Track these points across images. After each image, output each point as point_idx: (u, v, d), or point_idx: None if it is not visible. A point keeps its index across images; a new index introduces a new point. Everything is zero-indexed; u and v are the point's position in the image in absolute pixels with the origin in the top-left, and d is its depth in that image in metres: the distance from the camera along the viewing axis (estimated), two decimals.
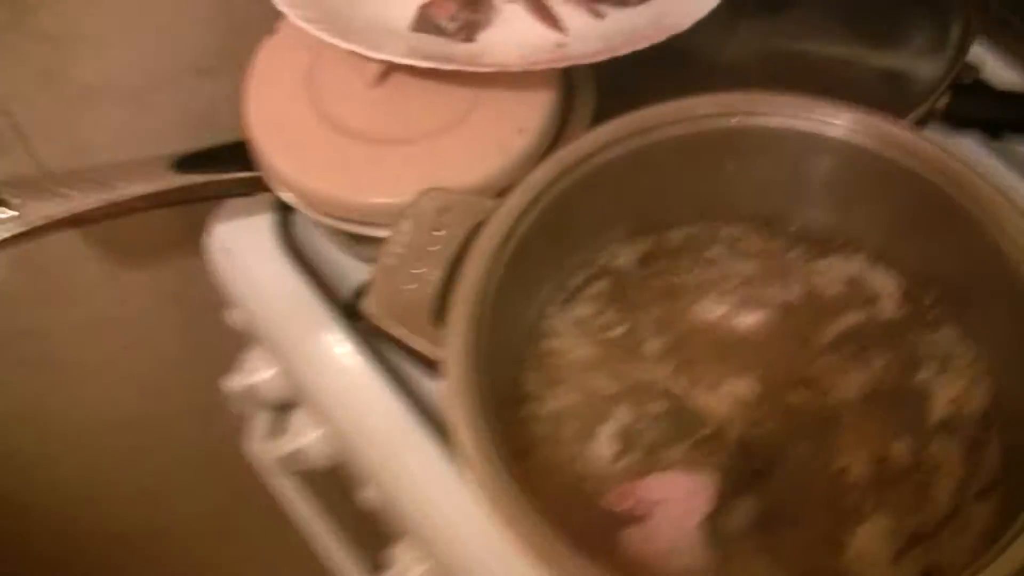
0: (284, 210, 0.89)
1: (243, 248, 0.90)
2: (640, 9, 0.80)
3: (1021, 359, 0.66)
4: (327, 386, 0.84)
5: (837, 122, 0.70)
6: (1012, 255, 0.65)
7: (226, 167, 0.81)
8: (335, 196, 0.77)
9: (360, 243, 0.81)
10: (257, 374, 0.92)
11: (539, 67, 0.74)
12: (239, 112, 0.81)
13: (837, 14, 0.91)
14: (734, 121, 0.69)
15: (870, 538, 0.65)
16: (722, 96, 0.70)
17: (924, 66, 0.87)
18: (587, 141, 0.68)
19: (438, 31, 0.77)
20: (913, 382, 0.70)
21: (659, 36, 0.74)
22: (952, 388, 0.69)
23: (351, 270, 0.87)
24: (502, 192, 0.75)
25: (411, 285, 0.63)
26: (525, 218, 0.65)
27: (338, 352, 0.83)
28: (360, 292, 0.84)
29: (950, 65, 0.86)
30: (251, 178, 0.81)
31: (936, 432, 0.68)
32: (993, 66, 0.96)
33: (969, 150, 0.90)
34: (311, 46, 0.79)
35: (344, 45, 0.73)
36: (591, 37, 0.78)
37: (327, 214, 0.78)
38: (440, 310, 0.63)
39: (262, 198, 0.85)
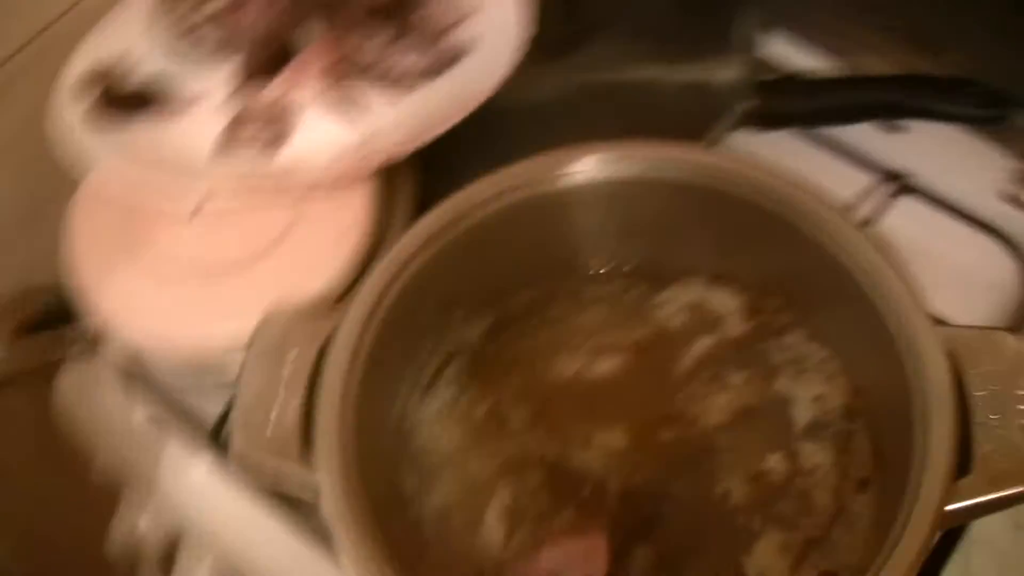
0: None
1: (95, 398, 0.88)
2: (438, 84, 0.81)
3: (868, 350, 0.67)
4: (207, 519, 0.82)
5: (637, 161, 0.71)
6: (835, 254, 0.67)
7: (60, 328, 0.80)
8: (174, 341, 0.77)
9: (206, 376, 0.80)
10: (134, 523, 0.91)
11: (355, 170, 0.75)
12: (62, 267, 0.80)
13: (632, 39, 0.93)
14: (541, 187, 0.71)
15: (766, 555, 0.66)
16: (526, 165, 0.71)
17: (725, 73, 0.90)
18: (411, 238, 0.68)
19: (245, 150, 0.77)
20: (774, 391, 0.72)
21: (460, 114, 0.75)
22: (811, 389, 0.71)
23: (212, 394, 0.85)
24: (345, 294, 0.75)
25: (272, 415, 0.63)
26: (370, 324, 0.65)
27: (211, 482, 0.82)
28: (224, 417, 0.83)
29: (746, 67, 0.89)
30: (89, 336, 0.79)
31: (805, 436, 0.70)
32: (796, 57, 1.00)
33: (788, 145, 0.93)
34: (124, 185, 0.78)
35: (155, 184, 0.72)
36: (395, 125, 0.78)
37: (169, 359, 0.77)
38: (307, 434, 0.62)
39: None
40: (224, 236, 0.79)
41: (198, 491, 0.82)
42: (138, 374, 0.87)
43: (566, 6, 0.91)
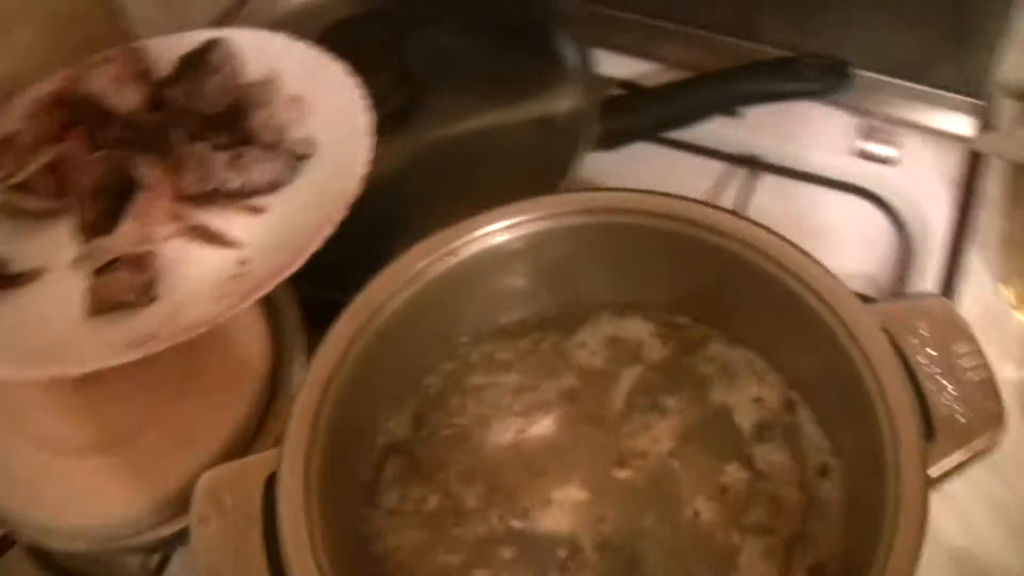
0: None
1: None
2: (297, 191, 0.78)
3: (794, 341, 0.69)
4: None
5: (521, 217, 0.71)
6: (742, 255, 0.68)
7: None
8: (80, 524, 0.72)
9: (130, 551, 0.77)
10: None
11: (244, 304, 0.70)
12: None
13: (467, 91, 0.93)
14: (448, 261, 0.69)
15: (752, 565, 0.66)
16: (414, 251, 0.69)
17: (565, 101, 0.90)
18: (326, 355, 0.65)
19: (121, 306, 0.73)
20: (712, 403, 0.72)
21: (337, 215, 0.72)
22: (747, 392, 0.72)
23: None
24: (255, 434, 0.73)
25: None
26: (311, 454, 0.62)
27: None
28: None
29: (584, 91, 0.90)
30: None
31: (755, 439, 0.70)
32: (629, 69, 1.02)
33: (643, 154, 0.95)
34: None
35: (41, 375, 0.69)
36: (267, 240, 0.75)
37: (83, 543, 0.73)
38: None
39: None
40: (113, 404, 0.75)
41: None
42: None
43: (394, 76, 0.90)
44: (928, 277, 0.88)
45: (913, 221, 0.92)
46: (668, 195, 0.70)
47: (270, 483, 0.62)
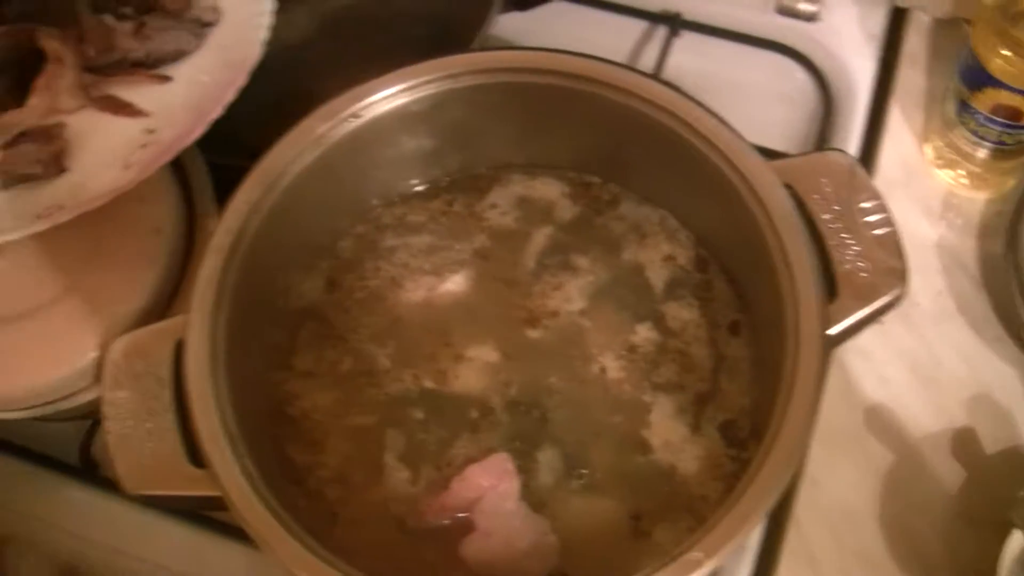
0: None
1: None
2: (200, 59, 0.79)
3: (702, 199, 0.71)
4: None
5: (429, 78, 0.72)
6: (648, 112, 0.70)
7: None
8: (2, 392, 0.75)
9: (55, 417, 0.79)
10: None
11: (149, 171, 0.72)
12: None
13: None
14: (340, 128, 0.71)
15: (664, 422, 0.69)
16: (319, 112, 0.71)
17: None
18: (230, 217, 0.67)
19: (28, 178, 0.74)
20: (624, 262, 0.75)
21: (237, 84, 0.73)
22: (658, 250, 0.75)
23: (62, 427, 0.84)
24: (173, 296, 0.75)
25: (150, 443, 0.62)
26: (217, 316, 0.65)
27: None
28: (84, 447, 0.81)
29: None
30: None
31: (666, 297, 0.73)
32: None
33: (558, 14, 0.95)
34: None
35: None
36: (173, 108, 0.76)
37: (5, 411, 0.75)
38: (191, 449, 0.62)
39: None
40: (28, 273, 0.76)
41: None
42: None
43: None
44: (850, 135, 0.89)
45: (835, 78, 0.93)
46: (568, 52, 0.72)
47: (179, 349, 0.64)
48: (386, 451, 0.70)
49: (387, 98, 0.71)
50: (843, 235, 0.65)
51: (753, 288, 0.71)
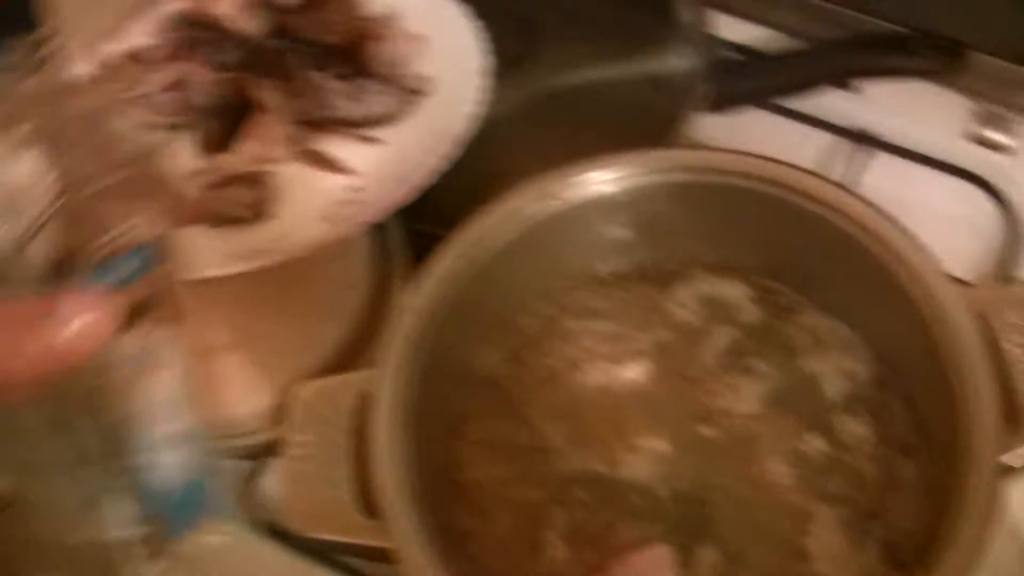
0: None
1: None
2: (411, 125, 0.83)
3: (887, 318, 0.72)
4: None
5: (631, 168, 0.75)
6: (842, 227, 0.71)
7: None
8: None
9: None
10: None
11: (355, 229, 0.76)
12: None
13: (581, 42, 0.96)
14: (551, 205, 0.74)
15: (826, 534, 0.70)
16: (520, 190, 0.74)
17: (678, 61, 0.93)
18: (429, 283, 0.71)
19: (235, 221, 0.78)
20: (800, 371, 0.76)
21: (450, 149, 0.77)
22: (837, 363, 0.75)
23: None
24: (359, 351, 0.78)
25: (326, 489, 0.65)
26: (408, 376, 0.68)
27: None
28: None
29: (697, 51, 0.93)
30: None
31: (841, 410, 0.74)
32: (743, 33, 1.04)
33: (751, 121, 0.97)
34: None
35: None
36: (382, 170, 0.80)
37: None
38: (366, 499, 0.65)
39: None
40: (222, 312, 0.80)
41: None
42: None
43: (512, 22, 0.94)
44: None
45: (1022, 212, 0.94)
46: (770, 159, 0.74)
47: (364, 401, 0.67)
48: (548, 527, 0.71)
49: (592, 183, 0.74)
50: None
51: (931, 412, 0.71)
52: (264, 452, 0.81)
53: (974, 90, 0.99)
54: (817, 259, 0.76)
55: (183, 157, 0.83)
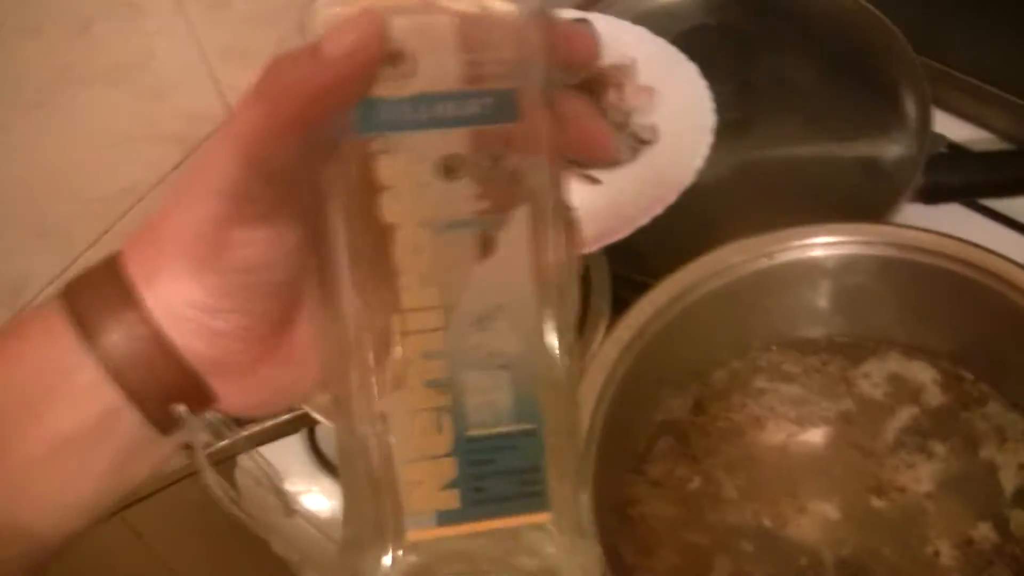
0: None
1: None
2: (635, 170, 0.86)
3: None
4: None
5: (840, 239, 0.78)
6: None
7: None
8: None
9: None
10: None
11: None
12: None
13: (804, 118, 1.00)
14: (760, 263, 0.77)
15: None
16: (730, 248, 0.78)
17: (895, 148, 0.96)
18: (634, 315, 0.75)
19: None
20: (979, 459, 0.77)
21: (664, 202, 0.80)
22: (1017, 456, 0.77)
23: None
24: None
25: None
26: (600, 404, 0.71)
27: None
28: None
29: (915, 142, 0.95)
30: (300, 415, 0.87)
31: (1015, 502, 0.75)
32: (962, 131, 1.06)
33: (958, 217, 0.99)
34: None
35: None
36: (597, 209, 0.84)
37: None
38: None
39: None
40: None
41: None
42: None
43: (737, 87, 0.98)
44: None
45: None
46: (977, 245, 0.76)
47: None
48: (712, 573, 0.74)
49: (801, 247, 0.78)
50: None
51: None
52: None
53: None
54: (1010, 351, 0.77)
55: None
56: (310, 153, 0.42)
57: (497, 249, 0.44)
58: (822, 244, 0.78)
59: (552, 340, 0.45)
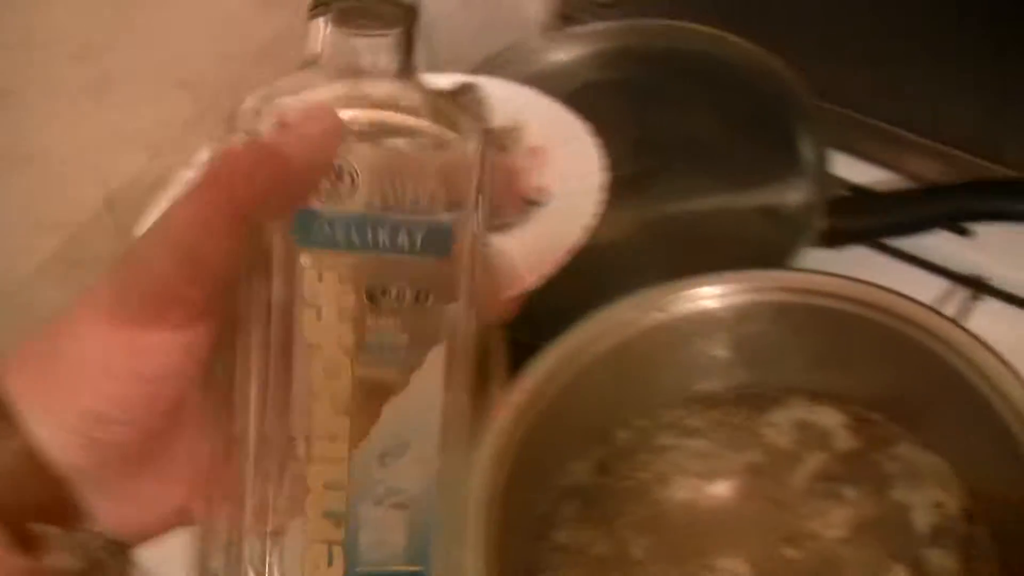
0: None
1: None
2: (524, 231, 0.86)
3: (983, 453, 0.73)
4: None
5: (735, 288, 0.78)
6: (947, 359, 0.73)
7: None
8: None
9: None
10: None
11: None
12: None
13: (700, 171, 1.01)
14: (654, 317, 0.77)
15: None
16: (625, 304, 0.78)
17: (794, 194, 0.97)
18: (529, 380, 0.75)
19: None
20: (891, 501, 0.76)
21: (560, 256, 0.81)
22: (928, 496, 0.76)
23: None
24: None
25: None
26: (499, 473, 0.70)
27: None
28: None
29: (814, 187, 0.96)
30: None
31: (929, 543, 0.74)
32: (861, 173, 1.07)
33: (861, 259, 1.00)
34: None
35: None
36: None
37: None
38: None
39: None
40: None
41: None
42: None
43: (631, 144, 0.98)
44: None
45: None
46: (875, 285, 0.76)
47: None
48: None
49: (695, 298, 0.78)
50: None
51: (1018, 550, 0.71)
52: None
53: None
54: (918, 392, 0.77)
55: None
56: (241, 258, 0.41)
57: (410, 385, 0.44)
58: (715, 295, 0.77)
59: (451, 481, 0.45)
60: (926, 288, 1.00)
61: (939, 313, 0.75)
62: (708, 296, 0.78)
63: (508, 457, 0.72)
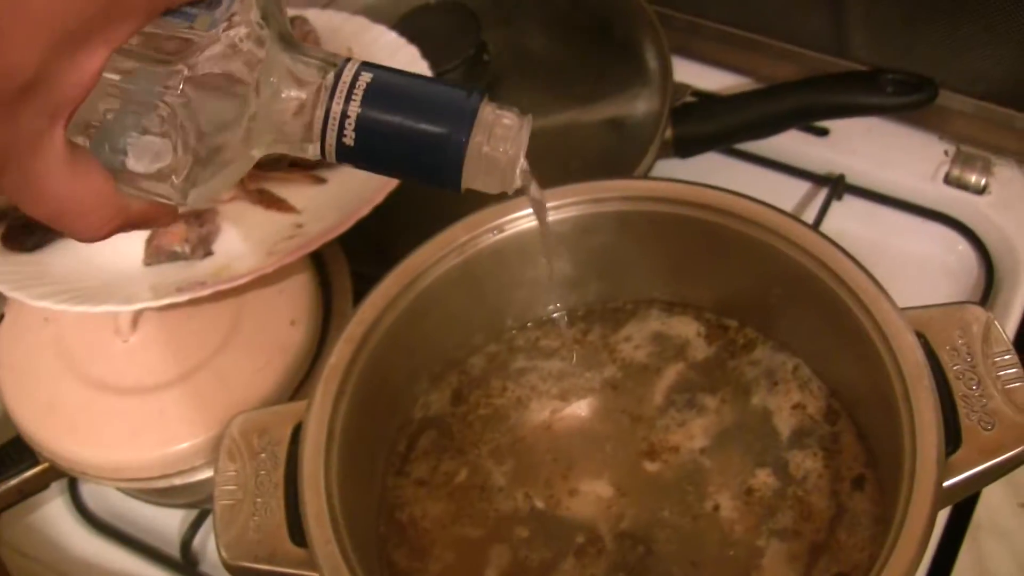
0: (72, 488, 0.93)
1: (43, 542, 0.93)
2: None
3: (838, 349, 0.74)
4: None
5: (577, 200, 0.78)
6: (794, 258, 0.73)
7: (10, 468, 0.85)
8: (125, 460, 0.81)
9: (169, 493, 0.85)
10: None
11: (290, 259, 0.79)
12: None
13: (544, 85, 1.01)
14: (484, 241, 0.77)
15: (775, 568, 0.71)
16: (466, 222, 0.77)
17: (641, 105, 0.97)
18: (365, 312, 0.73)
19: (174, 257, 0.82)
20: (752, 407, 0.77)
21: (383, 191, 0.81)
22: (788, 398, 0.77)
23: (167, 519, 0.91)
24: (299, 387, 0.81)
25: (255, 517, 0.67)
26: (338, 406, 0.69)
27: None
28: (187, 541, 0.88)
29: (661, 96, 0.96)
30: (40, 471, 0.84)
31: (791, 445, 0.75)
32: (707, 78, 1.09)
33: (717, 166, 1.02)
34: (48, 317, 0.83)
35: (92, 310, 0.77)
36: (323, 208, 0.83)
37: (126, 479, 0.82)
38: (294, 530, 0.66)
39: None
40: (166, 347, 0.83)
41: None
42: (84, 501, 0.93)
43: (468, 66, 0.97)
44: (1011, 311, 0.92)
45: (1000, 253, 0.96)
46: (719, 188, 0.76)
47: (298, 432, 0.70)
48: (489, 566, 0.73)
49: (532, 216, 0.76)
50: (972, 387, 0.66)
51: (881, 444, 0.72)
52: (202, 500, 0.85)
53: (947, 131, 1.02)
54: (772, 295, 0.77)
55: None
56: None
57: None
58: (552, 208, 0.77)
59: None
60: (787, 190, 1.01)
61: (786, 213, 0.75)
62: (558, 206, 0.77)
63: (347, 394, 0.71)
